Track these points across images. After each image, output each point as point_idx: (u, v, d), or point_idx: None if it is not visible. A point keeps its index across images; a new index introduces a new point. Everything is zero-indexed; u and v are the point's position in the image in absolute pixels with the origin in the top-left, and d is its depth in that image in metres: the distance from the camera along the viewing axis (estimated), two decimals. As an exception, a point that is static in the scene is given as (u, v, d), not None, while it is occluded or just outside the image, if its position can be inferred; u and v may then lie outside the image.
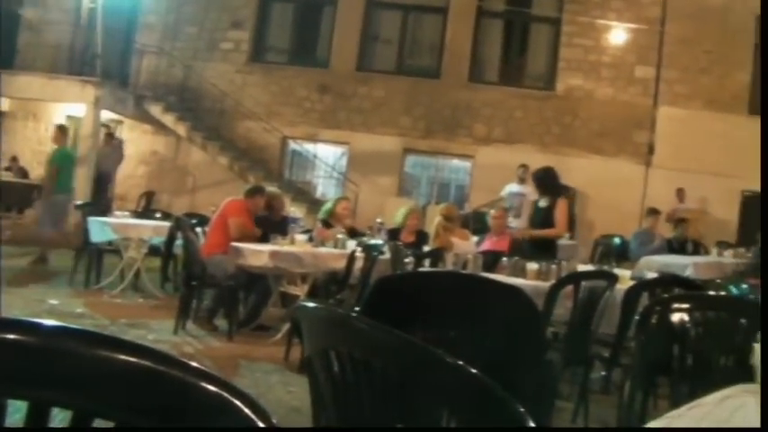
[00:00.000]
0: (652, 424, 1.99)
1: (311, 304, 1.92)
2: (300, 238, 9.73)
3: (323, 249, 9.57)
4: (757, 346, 2.63)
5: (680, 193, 18.42)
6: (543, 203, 9.95)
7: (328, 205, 11.12)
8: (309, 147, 21.80)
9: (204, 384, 1.04)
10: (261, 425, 1.03)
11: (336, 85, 21.37)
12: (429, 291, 3.46)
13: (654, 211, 14.57)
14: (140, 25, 22.31)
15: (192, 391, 1.04)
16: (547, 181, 10.01)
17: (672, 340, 3.99)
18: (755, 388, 2.57)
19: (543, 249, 9.51)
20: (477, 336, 3.34)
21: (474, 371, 1.58)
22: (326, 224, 10.57)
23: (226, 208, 9.87)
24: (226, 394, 1.04)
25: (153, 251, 11.64)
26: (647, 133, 19.98)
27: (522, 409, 1.49)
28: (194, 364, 1.06)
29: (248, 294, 9.69)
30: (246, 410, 1.04)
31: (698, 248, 14.88)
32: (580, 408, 6.52)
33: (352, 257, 8.84)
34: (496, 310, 3.36)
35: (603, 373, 7.29)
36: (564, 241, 15.11)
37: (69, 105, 21.17)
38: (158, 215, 13.28)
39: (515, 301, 3.42)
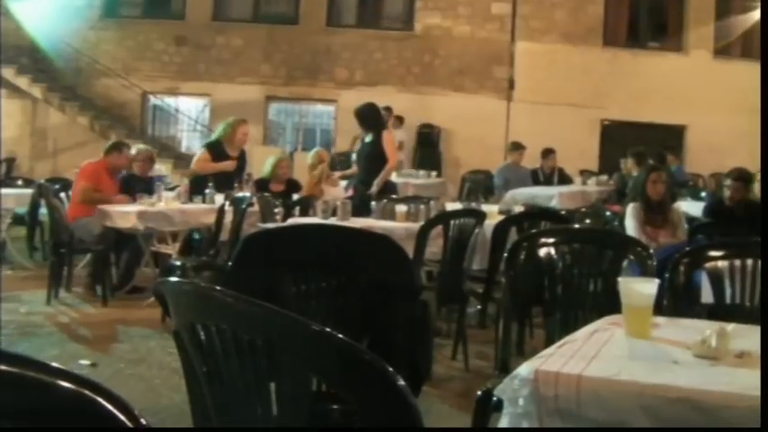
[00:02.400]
0: (526, 365, 2.03)
1: (174, 279, 1.91)
2: (168, 195, 9.59)
3: (191, 206, 9.45)
4: (622, 281, 2.71)
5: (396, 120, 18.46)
6: (368, 138, 10.01)
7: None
8: (171, 101, 21.42)
9: (62, 383, 1.01)
10: (123, 419, 1.01)
11: (193, 36, 20.97)
12: (298, 245, 3.46)
13: (518, 146, 14.77)
14: (-17, -15, 21.46)
15: (51, 391, 1.01)
16: (368, 116, 10.05)
17: (541, 273, 4.08)
18: (620, 318, 2.67)
19: (384, 190, 9.69)
20: (349, 285, 3.36)
21: (339, 336, 1.58)
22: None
23: (80, 172, 9.66)
24: (86, 391, 1.02)
25: (17, 220, 11.24)
26: (506, 69, 20.23)
27: (390, 369, 1.50)
28: (54, 364, 1.03)
29: (119, 256, 9.50)
30: (108, 406, 1.02)
31: (564, 179, 15.19)
32: (459, 344, 6.65)
33: (221, 212, 8.75)
34: (366, 259, 3.38)
35: (479, 306, 7.44)
36: (432, 180, 15.31)
37: None
38: (20, 182, 12.85)
39: (384, 248, 3.45)
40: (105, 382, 3.63)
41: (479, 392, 2.87)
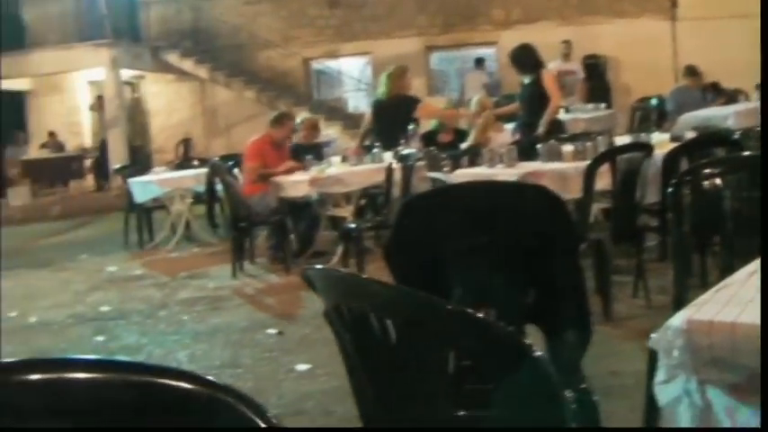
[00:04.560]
0: (680, 314, 1.99)
1: (318, 266, 1.98)
2: (336, 159, 9.75)
3: (361, 167, 9.55)
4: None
5: (566, 48, 17.67)
6: (528, 80, 9.82)
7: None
8: (332, 64, 21.68)
9: (198, 388, 1.06)
10: (258, 421, 1.05)
11: (346, -4, 21.14)
12: (454, 205, 3.48)
13: (692, 71, 14.21)
14: (141, -24, 22.18)
15: (186, 396, 1.06)
16: (525, 58, 9.83)
17: (708, 205, 3.97)
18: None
19: (552, 130, 9.50)
20: (509, 240, 3.35)
21: (475, 314, 1.59)
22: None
23: (246, 152, 9.89)
24: (220, 395, 1.06)
25: (199, 199, 11.65)
26: (666, -12, 19.58)
27: (526, 342, 1.51)
28: (187, 370, 1.08)
29: (297, 224, 9.71)
30: (242, 408, 1.05)
31: (722, 94, 14.60)
32: (639, 280, 6.54)
33: (389, 170, 8.82)
34: (522, 211, 3.37)
35: (659, 239, 7.27)
36: (601, 112, 14.99)
37: (89, 72, 21.28)
38: (196, 162, 13.31)
39: (539, 198, 3.43)
40: (293, 349, 3.83)
41: (650, 337, 2.82)
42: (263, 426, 1.06)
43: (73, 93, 23.27)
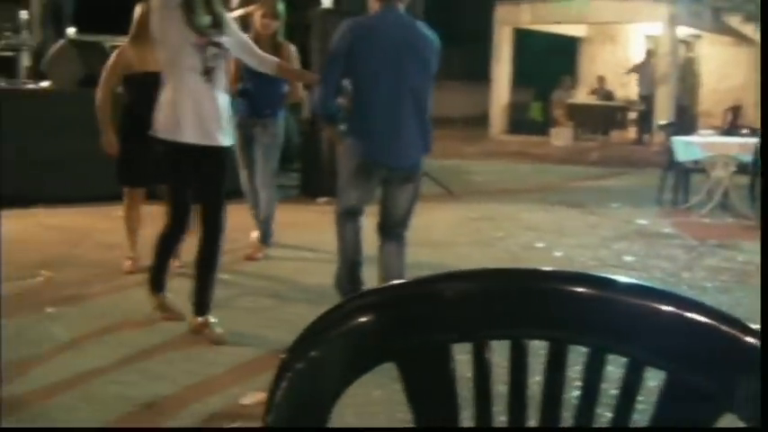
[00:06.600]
0: None
1: None
2: None
3: None
4: None
5: None
6: None
7: None
8: None
9: (748, 338, 1.03)
10: None
11: None
12: None
13: None
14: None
15: (738, 345, 1.04)
16: None
17: None
18: None
19: None
20: None
21: None
22: None
23: None
24: None
25: (742, 169, 11.27)
26: None
27: None
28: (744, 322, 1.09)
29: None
30: None
31: None
32: None
33: None
34: None
35: None
36: None
37: (645, 25, 21.41)
38: (745, 131, 12.94)
39: None
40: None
41: None
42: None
43: (627, 44, 23.57)
